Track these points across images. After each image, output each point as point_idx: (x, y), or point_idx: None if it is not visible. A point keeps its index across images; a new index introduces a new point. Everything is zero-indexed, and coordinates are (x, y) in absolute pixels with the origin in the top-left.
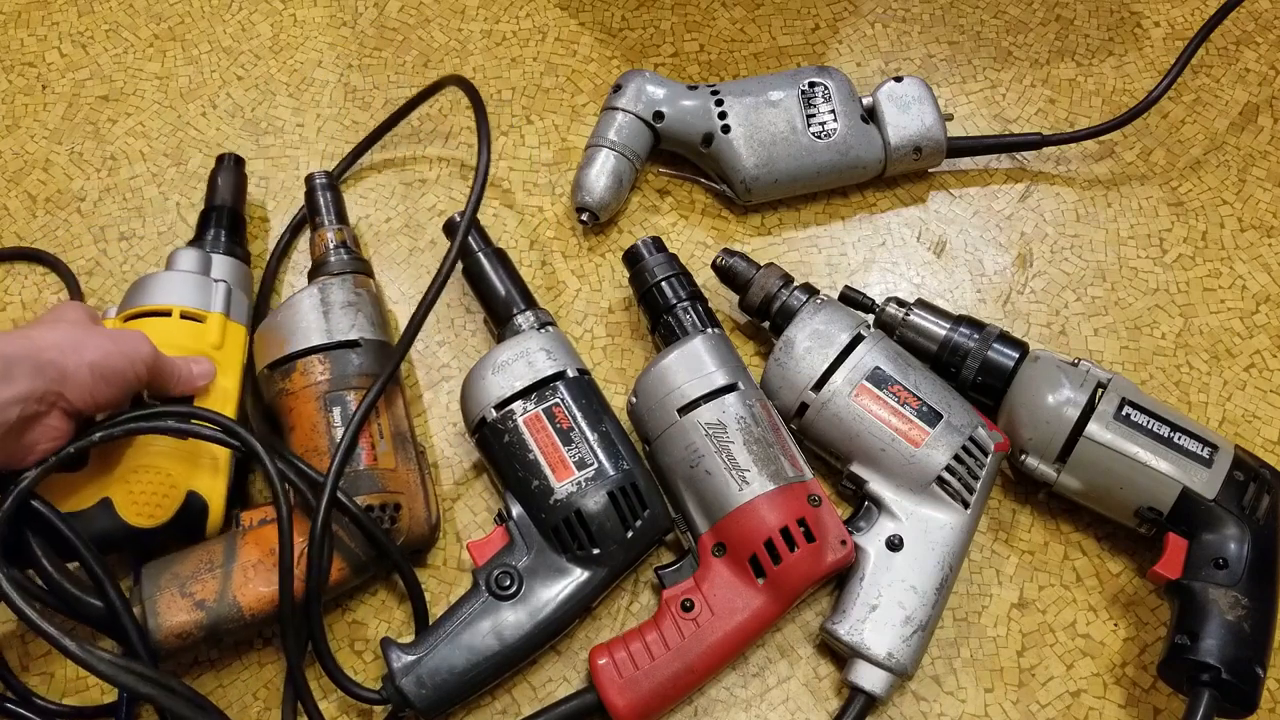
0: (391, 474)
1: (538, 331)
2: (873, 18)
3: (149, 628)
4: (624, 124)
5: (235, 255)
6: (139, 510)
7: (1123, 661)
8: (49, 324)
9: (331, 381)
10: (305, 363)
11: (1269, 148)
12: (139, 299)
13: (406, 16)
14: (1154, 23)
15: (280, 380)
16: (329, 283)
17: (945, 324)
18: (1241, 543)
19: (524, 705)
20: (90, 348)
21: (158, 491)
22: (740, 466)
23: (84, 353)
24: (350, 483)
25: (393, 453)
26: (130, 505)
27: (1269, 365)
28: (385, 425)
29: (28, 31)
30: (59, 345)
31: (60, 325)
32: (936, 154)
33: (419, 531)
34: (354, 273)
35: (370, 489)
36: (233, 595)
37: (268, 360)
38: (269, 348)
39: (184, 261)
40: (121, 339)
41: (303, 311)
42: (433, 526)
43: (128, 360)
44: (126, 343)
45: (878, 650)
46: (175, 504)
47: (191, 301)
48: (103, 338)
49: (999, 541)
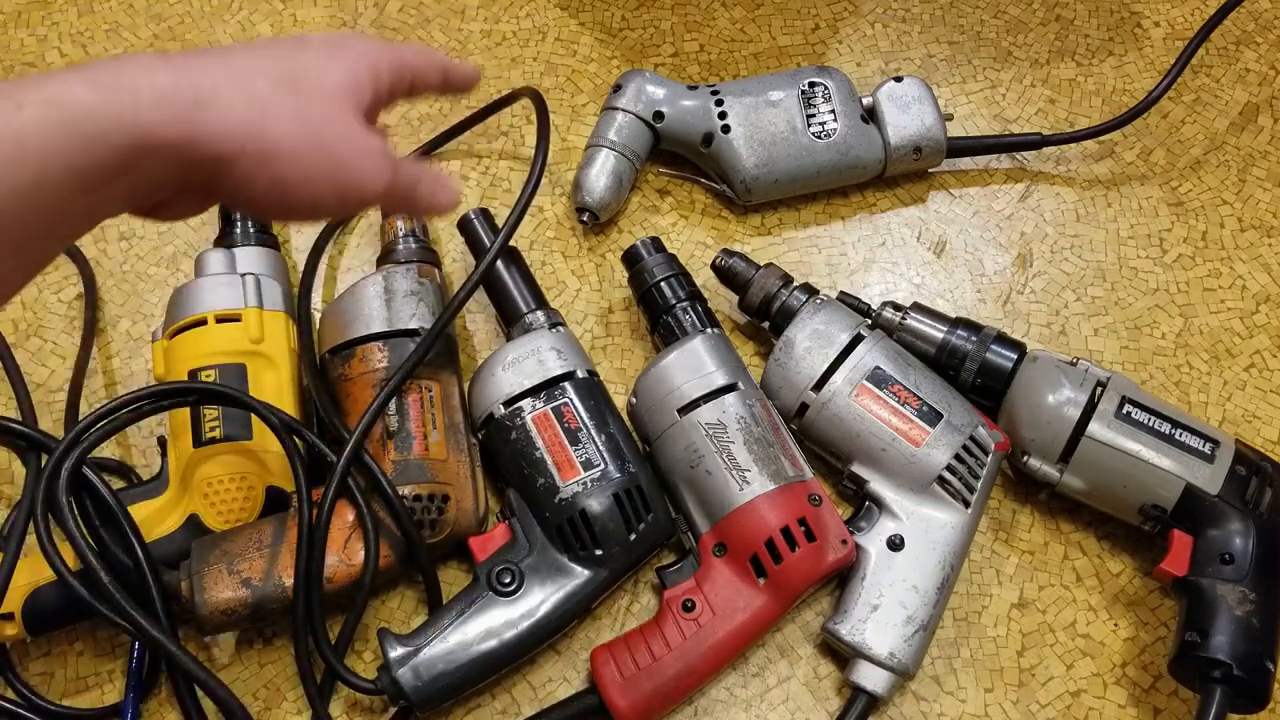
0: (442, 465)
1: (549, 331)
2: (873, 18)
3: (195, 602)
4: (624, 124)
5: (262, 243)
6: (225, 519)
7: (1123, 661)
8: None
9: (389, 369)
10: (365, 349)
11: (1269, 148)
12: (175, 314)
13: (406, 16)
14: (1154, 23)
15: (340, 365)
16: (394, 271)
17: (942, 327)
18: (1247, 537)
19: (524, 705)
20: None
21: (238, 497)
22: (741, 466)
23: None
24: (400, 471)
25: (444, 444)
26: (215, 516)
27: (1269, 365)
28: (439, 416)
29: (28, 31)
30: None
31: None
32: (936, 154)
33: (466, 524)
34: (420, 261)
35: (420, 478)
36: (279, 575)
37: (329, 345)
38: (331, 333)
39: (209, 264)
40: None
41: (366, 298)
42: (480, 520)
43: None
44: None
45: (879, 650)
46: (258, 503)
47: (224, 303)
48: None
49: (999, 541)
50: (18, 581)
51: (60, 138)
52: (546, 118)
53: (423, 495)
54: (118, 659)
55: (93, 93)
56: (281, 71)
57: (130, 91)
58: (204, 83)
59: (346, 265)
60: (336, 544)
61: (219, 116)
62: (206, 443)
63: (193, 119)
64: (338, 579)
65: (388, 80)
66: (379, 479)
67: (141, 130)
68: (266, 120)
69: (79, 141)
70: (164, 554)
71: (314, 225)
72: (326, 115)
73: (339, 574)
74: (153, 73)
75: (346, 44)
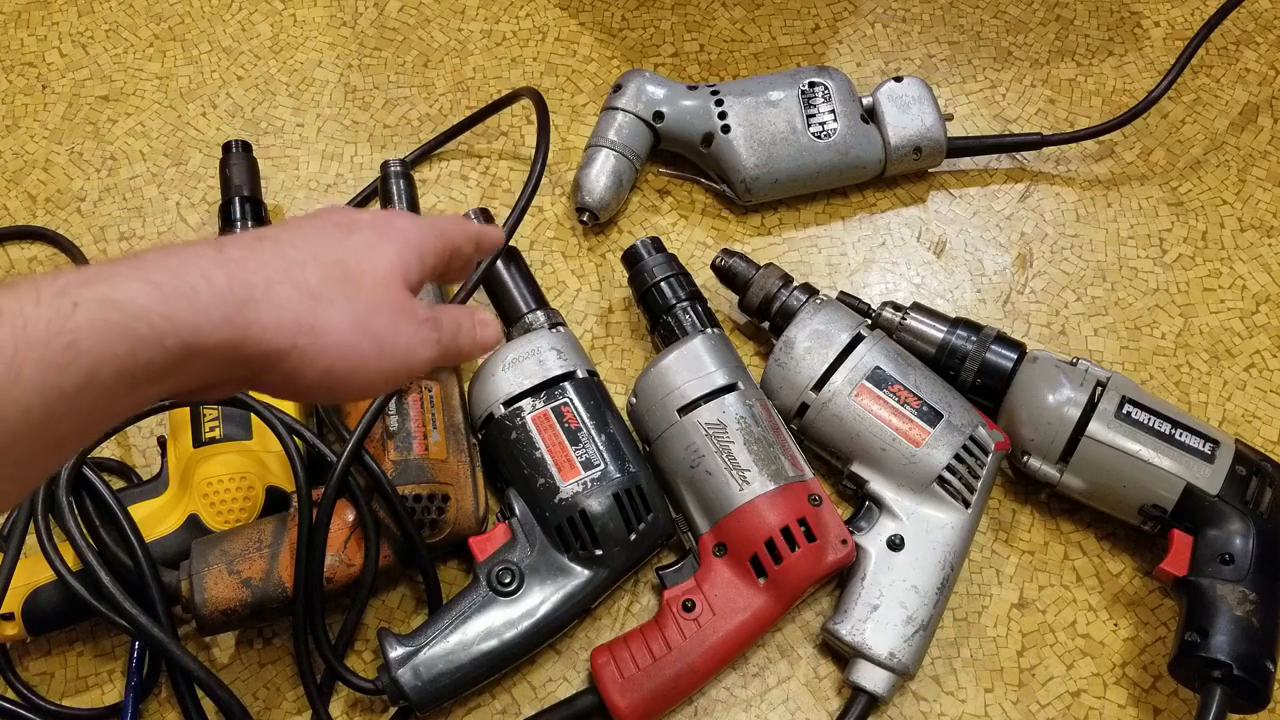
0: (442, 465)
1: (549, 331)
2: (873, 18)
3: (195, 602)
4: (624, 124)
5: None
6: (225, 519)
7: (1123, 661)
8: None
9: None
10: None
11: (1269, 148)
12: None
13: (406, 16)
14: (1154, 23)
15: None
16: None
17: (942, 327)
18: (1247, 537)
19: (524, 705)
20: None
21: (238, 497)
22: (741, 466)
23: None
24: (400, 471)
25: (445, 444)
26: (215, 515)
27: (1269, 365)
28: (439, 416)
29: (28, 31)
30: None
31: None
32: (936, 154)
33: (466, 524)
34: None
35: (420, 478)
36: (278, 575)
37: None
38: None
39: None
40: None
41: None
42: (480, 520)
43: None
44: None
45: (880, 650)
46: (258, 503)
47: None
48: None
49: (999, 541)
50: (18, 581)
51: (115, 341)
52: (546, 118)
53: (423, 495)
54: (118, 659)
55: (151, 294)
56: (333, 259)
57: (188, 295)
58: (257, 278)
59: None
60: (336, 544)
61: (272, 313)
62: (206, 443)
63: (246, 318)
64: (338, 579)
65: (432, 261)
66: (379, 479)
67: (197, 334)
68: (317, 313)
69: (133, 344)
70: (164, 554)
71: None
72: (376, 301)
73: (339, 574)
74: (209, 269)
75: (393, 225)
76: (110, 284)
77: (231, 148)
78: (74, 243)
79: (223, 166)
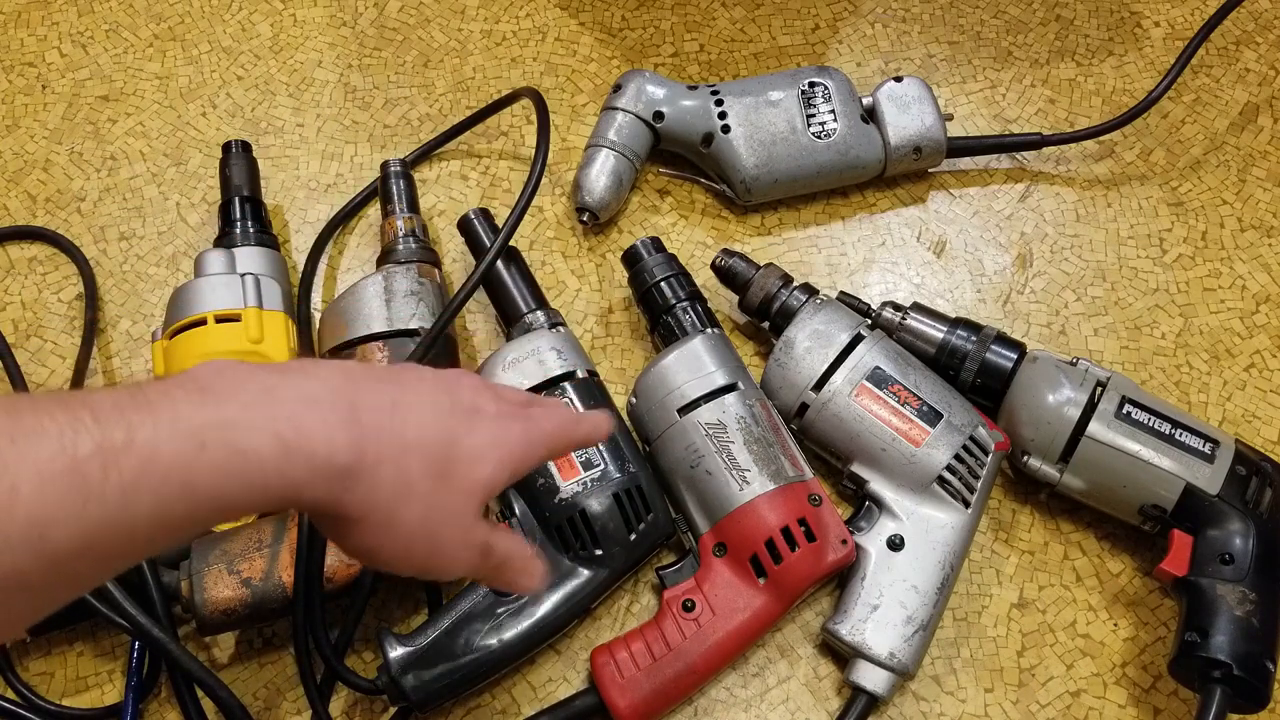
0: None
1: (549, 331)
2: (873, 18)
3: (195, 602)
4: (624, 124)
5: (262, 243)
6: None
7: (1123, 661)
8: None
9: None
10: (365, 349)
11: (1269, 148)
12: (175, 314)
13: (406, 16)
14: (1154, 23)
15: None
16: (394, 271)
17: (942, 327)
18: (1247, 537)
19: (524, 705)
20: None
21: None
22: (740, 466)
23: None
24: None
25: None
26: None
27: (1269, 365)
28: None
29: (28, 31)
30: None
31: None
32: (936, 154)
33: None
34: (420, 261)
35: None
36: (278, 575)
37: (329, 345)
38: (331, 333)
39: (209, 264)
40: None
41: (366, 298)
42: None
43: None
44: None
45: (880, 650)
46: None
47: (223, 304)
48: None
49: (999, 541)
50: None
51: (230, 485)
52: (546, 118)
53: None
54: (118, 659)
55: (275, 451)
56: (440, 455)
57: (308, 457)
58: (369, 453)
59: (346, 265)
60: None
61: (366, 492)
62: None
63: (344, 486)
64: (338, 579)
65: (527, 469)
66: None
67: (298, 494)
68: (400, 504)
69: (244, 490)
70: (164, 554)
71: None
72: (453, 510)
73: (339, 574)
74: (334, 430)
75: (510, 432)
76: (243, 433)
77: (231, 148)
78: (74, 243)
79: (223, 166)
